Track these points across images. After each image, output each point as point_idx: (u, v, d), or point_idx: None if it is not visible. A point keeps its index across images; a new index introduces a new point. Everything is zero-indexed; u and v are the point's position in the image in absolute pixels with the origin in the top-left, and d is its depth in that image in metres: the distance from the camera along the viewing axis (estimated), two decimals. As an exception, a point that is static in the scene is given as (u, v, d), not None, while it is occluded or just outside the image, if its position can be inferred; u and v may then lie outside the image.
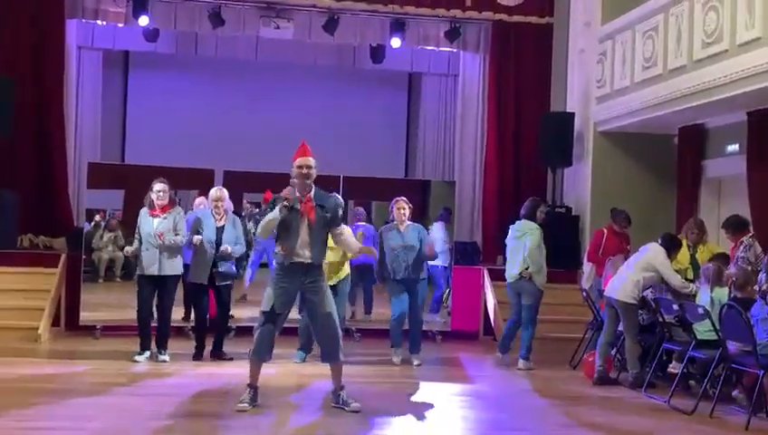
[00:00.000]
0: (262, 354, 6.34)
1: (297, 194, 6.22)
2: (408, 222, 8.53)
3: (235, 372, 7.76)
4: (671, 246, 7.89)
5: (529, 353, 8.59)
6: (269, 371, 6.81)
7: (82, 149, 12.44)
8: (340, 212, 6.45)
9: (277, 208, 6.15)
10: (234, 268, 8.50)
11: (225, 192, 8.45)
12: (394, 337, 8.57)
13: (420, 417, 6.44)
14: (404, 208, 8.49)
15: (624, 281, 7.80)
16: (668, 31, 9.57)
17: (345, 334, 7.23)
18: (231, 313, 9.13)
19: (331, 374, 6.44)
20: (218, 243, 8.26)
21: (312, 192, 6.27)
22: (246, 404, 6.23)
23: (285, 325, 6.63)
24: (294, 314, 7.29)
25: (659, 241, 7.91)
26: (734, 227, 8.13)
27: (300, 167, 6.25)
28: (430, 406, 6.90)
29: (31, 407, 6.14)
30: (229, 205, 8.54)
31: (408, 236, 8.45)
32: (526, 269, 8.50)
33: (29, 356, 8.34)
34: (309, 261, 6.23)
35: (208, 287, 8.38)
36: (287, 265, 6.24)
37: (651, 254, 7.81)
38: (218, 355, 8.39)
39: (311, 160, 6.28)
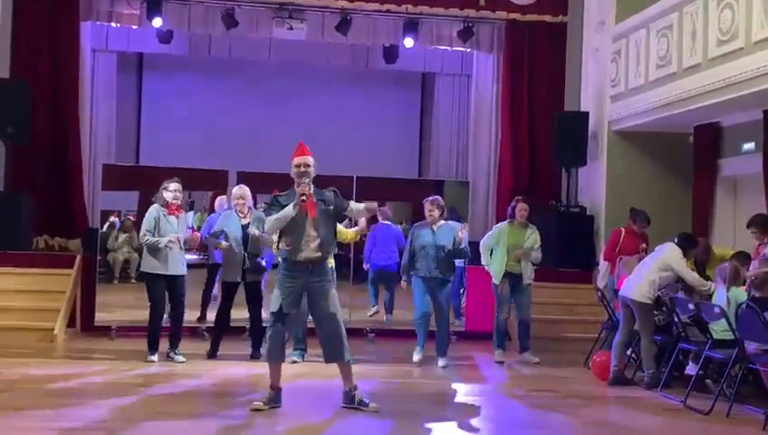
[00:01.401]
0: (276, 356, 6.36)
1: (310, 190, 6.24)
2: (443, 222, 8.53)
3: (252, 371, 7.79)
4: (687, 246, 7.84)
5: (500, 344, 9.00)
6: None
7: (97, 151, 12.50)
8: (340, 197, 6.42)
9: (291, 205, 6.17)
10: (264, 263, 8.52)
11: (248, 190, 8.53)
12: (419, 335, 8.59)
13: (434, 417, 6.43)
14: (431, 209, 8.49)
15: (640, 281, 7.76)
16: (683, 29, 9.52)
17: (359, 335, 7.21)
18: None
19: (341, 375, 6.43)
20: (245, 239, 8.30)
21: (312, 190, 6.30)
22: (261, 404, 6.25)
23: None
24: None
25: (675, 240, 7.87)
26: (763, 225, 8.05)
27: (297, 166, 6.31)
28: (444, 406, 6.90)
29: (46, 407, 6.17)
30: (251, 203, 8.58)
31: (440, 235, 8.44)
32: None
33: (45, 357, 8.38)
34: (316, 255, 6.25)
35: (238, 284, 8.42)
36: (293, 262, 6.26)
37: (667, 254, 7.77)
38: (257, 356, 8.33)
39: (309, 159, 6.34)
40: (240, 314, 8.75)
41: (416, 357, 8.54)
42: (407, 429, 6.01)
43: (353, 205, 6.55)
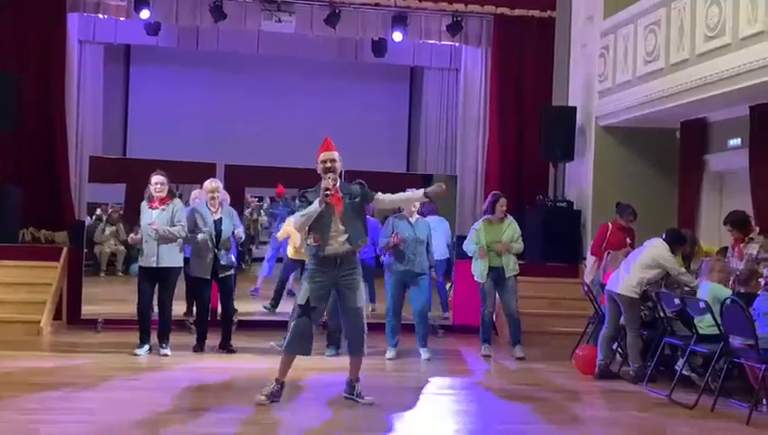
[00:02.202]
0: (295, 348, 6.32)
1: (336, 185, 6.25)
2: (418, 216, 8.55)
3: (238, 365, 7.80)
4: (675, 242, 7.87)
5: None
6: (264, 365, 6.79)
7: (84, 143, 12.43)
8: (366, 189, 6.51)
9: (317, 201, 6.18)
10: (234, 259, 8.49)
11: (220, 184, 8.47)
12: (389, 335, 8.58)
13: (421, 410, 6.46)
14: None
15: (627, 275, 7.78)
16: (671, 25, 9.55)
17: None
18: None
19: (350, 366, 6.51)
20: (217, 235, 8.25)
21: (338, 184, 6.32)
22: (264, 398, 6.24)
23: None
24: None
25: (663, 236, 7.90)
26: (741, 224, 8.07)
27: (324, 161, 6.33)
28: (431, 399, 6.92)
29: (33, 400, 6.15)
30: (224, 196, 8.52)
31: (418, 229, 8.47)
32: None
33: (31, 350, 8.35)
34: (345, 248, 6.27)
35: (211, 280, 8.38)
36: (322, 257, 6.27)
37: (655, 250, 7.79)
38: (227, 348, 8.38)
39: (334, 154, 6.36)
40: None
41: (389, 354, 8.52)
42: (393, 421, 6.02)
43: (384, 196, 6.50)
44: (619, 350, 8.32)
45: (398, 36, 12.21)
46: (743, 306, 6.51)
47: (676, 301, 7.31)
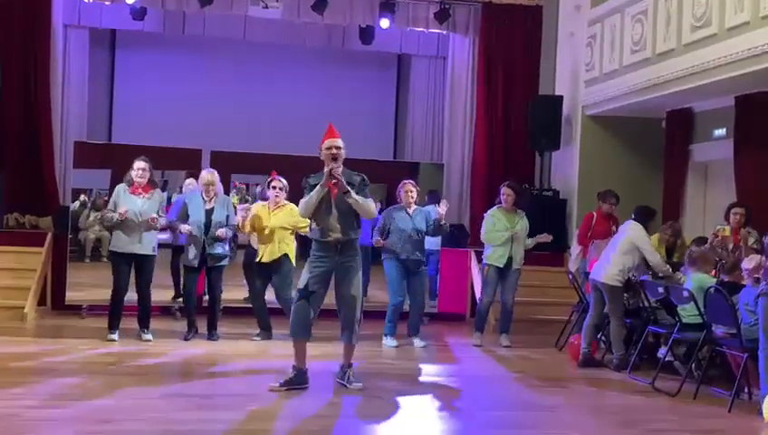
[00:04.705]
0: (298, 332, 6.38)
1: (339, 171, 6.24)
2: (416, 206, 8.58)
3: (222, 351, 7.79)
4: (646, 218, 7.94)
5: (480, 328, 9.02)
6: (250, 350, 6.79)
7: (69, 129, 12.33)
8: (366, 188, 6.46)
9: (319, 186, 6.20)
10: (227, 249, 8.45)
11: (217, 176, 8.37)
12: (389, 324, 8.61)
13: (406, 398, 6.46)
14: (411, 192, 8.55)
15: (608, 264, 7.83)
16: (657, 14, 9.58)
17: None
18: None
19: (344, 351, 6.57)
20: (208, 224, 8.21)
21: (341, 170, 6.30)
22: (277, 385, 6.32)
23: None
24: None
25: (633, 216, 7.96)
26: (748, 212, 8.13)
27: (329, 148, 6.32)
28: (416, 387, 6.93)
29: (16, 386, 6.12)
30: (220, 188, 8.46)
31: (417, 218, 8.51)
32: None
33: (15, 335, 8.32)
34: (340, 236, 6.28)
35: (199, 269, 8.35)
36: (322, 243, 6.31)
37: (630, 234, 7.84)
38: (211, 337, 8.37)
39: (339, 141, 6.36)
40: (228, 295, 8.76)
41: (393, 343, 8.56)
42: (380, 413, 6.03)
43: (359, 199, 6.31)
44: (603, 338, 8.36)
45: (385, 23, 12.17)
46: (726, 295, 6.56)
47: (660, 289, 7.35)
